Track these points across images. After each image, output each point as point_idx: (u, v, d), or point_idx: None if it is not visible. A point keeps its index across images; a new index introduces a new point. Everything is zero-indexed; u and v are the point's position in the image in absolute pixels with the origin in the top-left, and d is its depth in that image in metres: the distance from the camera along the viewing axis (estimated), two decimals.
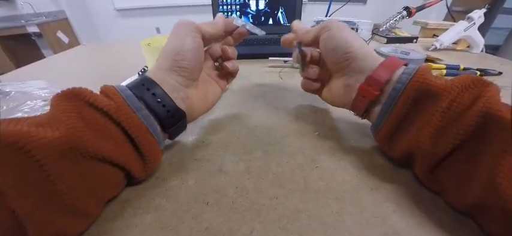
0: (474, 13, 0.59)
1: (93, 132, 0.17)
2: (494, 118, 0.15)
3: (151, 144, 0.20)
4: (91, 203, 0.17)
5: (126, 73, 0.45)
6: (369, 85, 0.22)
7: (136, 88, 0.20)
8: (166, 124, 0.21)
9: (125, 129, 0.18)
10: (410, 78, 0.20)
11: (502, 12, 0.75)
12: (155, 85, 0.21)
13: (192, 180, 0.21)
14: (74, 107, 0.17)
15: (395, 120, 0.21)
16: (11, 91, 0.39)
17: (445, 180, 0.18)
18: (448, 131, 0.17)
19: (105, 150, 0.17)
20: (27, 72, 0.54)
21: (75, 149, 0.15)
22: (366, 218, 0.18)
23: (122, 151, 0.19)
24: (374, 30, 0.78)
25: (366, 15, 1.36)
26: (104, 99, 0.18)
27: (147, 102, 0.20)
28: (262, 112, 0.33)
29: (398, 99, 0.20)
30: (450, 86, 0.18)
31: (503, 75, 0.46)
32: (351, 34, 0.25)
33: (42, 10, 2.50)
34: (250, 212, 0.18)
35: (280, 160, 0.24)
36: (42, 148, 0.13)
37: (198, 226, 0.17)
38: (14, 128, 0.13)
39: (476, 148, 0.16)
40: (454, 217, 0.18)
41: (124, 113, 0.18)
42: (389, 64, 0.21)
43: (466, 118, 0.16)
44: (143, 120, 0.19)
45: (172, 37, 0.24)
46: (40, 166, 0.13)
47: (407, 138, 0.20)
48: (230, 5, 0.68)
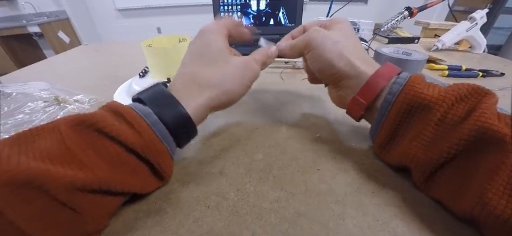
0: (476, 13, 0.59)
1: (116, 169, 0.16)
2: (489, 133, 0.15)
3: (171, 165, 0.20)
4: (106, 221, 0.18)
5: (127, 74, 0.45)
6: (355, 104, 0.23)
7: (158, 105, 0.19)
8: (180, 139, 0.21)
9: (149, 161, 0.18)
10: (400, 89, 0.19)
11: (504, 12, 0.74)
12: (183, 111, 0.19)
13: (193, 183, 0.21)
14: (90, 141, 0.16)
15: (388, 130, 0.21)
16: (12, 92, 0.39)
17: (439, 190, 0.18)
18: (441, 143, 0.17)
19: (126, 185, 0.17)
20: (28, 73, 0.54)
21: (101, 189, 0.16)
22: (367, 222, 0.18)
23: (144, 182, 0.19)
24: (375, 30, 0.78)
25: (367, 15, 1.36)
26: (125, 129, 0.17)
27: (167, 123, 0.19)
28: (263, 114, 0.33)
29: (390, 111, 0.20)
30: (443, 98, 0.18)
31: (505, 76, 0.45)
32: (334, 52, 0.23)
33: (44, 10, 2.51)
34: (251, 216, 0.18)
35: (281, 163, 0.24)
36: (65, 188, 0.14)
37: (199, 229, 0.17)
38: (32, 165, 0.13)
39: (469, 162, 0.16)
40: (455, 221, 0.18)
41: (153, 148, 0.18)
42: (374, 83, 0.21)
43: (459, 132, 0.16)
44: (168, 147, 0.19)
45: (231, 77, 0.22)
46: (62, 204, 0.14)
47: (400, 149, 0.20)
48: (231, 5, 0.68)
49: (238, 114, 0.33)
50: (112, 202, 0.17)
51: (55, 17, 2.44)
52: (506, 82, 0.43)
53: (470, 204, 0.15)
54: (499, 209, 0.13)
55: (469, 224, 0.17)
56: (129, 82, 0.40)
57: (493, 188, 0.14)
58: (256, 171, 0.23)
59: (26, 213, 0.12)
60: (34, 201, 0.13)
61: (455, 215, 0.18)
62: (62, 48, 2.22)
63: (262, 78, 0.42)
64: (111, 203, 0.17)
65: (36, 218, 0.13)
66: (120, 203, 0.19)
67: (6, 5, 2.48)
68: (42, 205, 0.13)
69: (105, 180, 0.16)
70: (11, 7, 2.51)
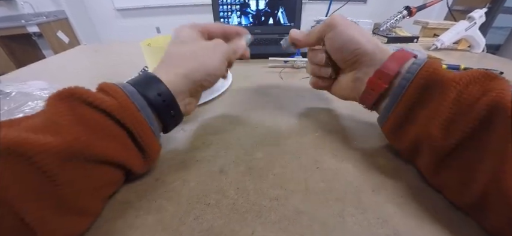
0: (475, 12, 0.59)
1: (94, 134, 0.17)
2: (504, 109, 0.15)
3: (153, 141, 0.20)
4: (94, 202, 0.18)
5: (126, 74, 0.45)
6: (379, 78, 0.22)
7: (140, 85, 0.20)
8: (164, 119, 0.22)
9: (126, 127, 0.18)
10: (420, 68, 0.20)
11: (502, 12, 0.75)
12: (162, 85, 0.21)
13: (193, 181, 0.21)
14: (71, 108, 0.16)
15: (403, 108, 0.21)
16: (12, 92, 0.39)
17: (449, 174, 0.18)
18: (458, 122, 0.17)
19: (107, 151, 0.17)
20: (27, 73, 0.54)
21: (79, 154, 0.15)
22: (367, 220, 0.18)
23: (124, 150, 0.19)
24: (374, 29, 0.78)
25: (366, 14, 1.36)
26: (104, 97, 0.18)
27: (148, 98, 0.20)
28: (262, 112, 0.33)
29: (408, 88, 0.20)
30: (459, 78, 0.18)
31: (504, 75, 0.45)
32: (356, 30, 0.24)
33: (42, 10, 2.50)
34: (251, 213, 0.18)
35: (281, 161, 0.24)
36: (45, 154, 0.13)
37: (200, 227, 0.18)
38: (13, 134, 0.13)
39: (484, 141, 0.16)
40: (455, 219, 0.18)
41: (128, 112, 0.18)
42: (399, 57, 0.22)
43: (475, 111, 0.16)
44: (147, 119, 0.19)
45: (203, 51, 0.24)
46: (43, 172, 0.13)
47: (415, 129, 0.20)
48: (230, 5, 0.68)
49: (238, 112, 0.33)
50: (97, 176, 0.17)
51: (54, 17, 2.43)
52: None
53: (482, 183, 0.16)
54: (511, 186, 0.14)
55: (469, 222, 0.17)
56: None
57: (507, 163, 0.14)
58: (256, 169, 0.23)
59: (7, 181, 0.12)
60: (16, 170, 0.13)
61: (458, 205, 0.18)
62: (61, 48, 2.21)
63: (261, 77, 0.43)
64: (96, 177, 0.17)
65: (19, 187, 0.13)
66: (109, 182, 0.19)
67: (4, 5, 2.47)
68: (24, 175, 0.13)
69: (82, 143, 0.16)
70: (10, 7, 2.50)
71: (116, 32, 2.73)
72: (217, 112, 0.33)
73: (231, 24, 0.71)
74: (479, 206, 0.16)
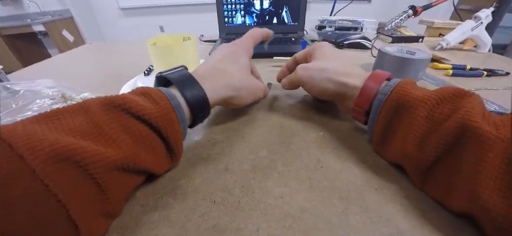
0: (481, 12, 0.58)
1: (139, 147, 0.18)
2: (471, 129, 0.16)
3: (181, 146, 0.22)
4: (122, 206, 0.19)
5: (131, 72, 0.45)
6: (356, 112, 0.25)
7: (182, 84, 0.22)
8: (194, 122, 0.24)
9: (165, 137, 0.19)
10: (391, 90, 0.21)
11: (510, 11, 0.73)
12: (203, 91, 0.22)
13: (199, 179, 0.22)
14: (117, 118, 0.17)
15: (381, 127, 0.22)
16: (20, 90, 0.39)
17: (435, 188, 0.19)
18: (431, 138, 0.18)
19: (148, 163, 0.18)
20: (34, 71, 0.55)
21: (126, 166, 0.17)
22: (370, 218, 0.18)
23: (160, 159, 0.20)
24: (379, 29, 0.78)
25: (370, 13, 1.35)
26: (150, 107, 0.18)
27: (187, 99, 0.21)
28: (267, 111, 0.33)
29: (381, 109, 0.22)
30: (427, 97, 0.19)
31: (511, 76, 0.45)
32: (323, 80, 0.27)
33: (48, 9, 2.53)
34: (256, 211, 0.19)
35: (286, 159, 0.24)
36: (98, 164, 0.15)
37: (205, 223, 0.18)
38: (67, 141, 0.14)
39: (459, 158, 0.17)
40: (457, 218, 0.18)
41: (170, 125, 0.19)
42: (367, 91, 0.23)
43: (445, 129, 0.17)
44: (183, 130, 0.21)
45: (246, 90, 0.27)
46: (93, 179, 0.15)
47: (394, 147, 0.21)
48: (234, 4, 0.69)
49: (242, 111, 0.33)
50: (130, 183, 0.18)
51: (59, 16, 2.46)
52: (511, 82, 0.42)
53: (464, 199, 0.16)
54: (490, 202, 0.14)
55: (470, 221, 0.17)
56: (134, 80, 0.41)
57: (483, 182, 0.14)
58: (260, 167, 0.23)
59: (64, 187, 0.13)
60: (71, 175, 0.13)
61: (454, 213, 0.18)
62: (66, 47, 2.24)
63: (266, 76, 0.43)
64: (129, 184, 0.18)
65: (71, 191, 0.13)
66: (135, 186, 0.20)
67: (10, 4, 2.50)
68: (76, 180, 0.14)
69: (131, 156, 0.17)
70: (16, 6, 2.53)
71: (120, 31, 2.75)
72: (222, 111, 0.34)
73: (235, 23, 0.71)
74: (469, 217, 0.17)
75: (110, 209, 0.17)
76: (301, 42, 0.64)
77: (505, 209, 0.13)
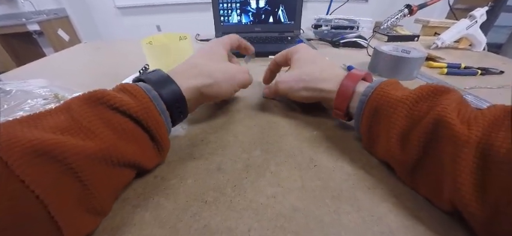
0: (476, 11, 0.59)
1: (121, 138, 0.17)
2: (445, 125, 0.16)
3: (167, 138, 0.22)
4: (110, 202, 0.18)
5: (127, 72, 0.45)
6: (336, 114, 0.26)
7: (157, 85, 0.22)
8: (174, 120, 0.23)
9: (148, 129, 0.19)
10: (372, 91, 0.22)
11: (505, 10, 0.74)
12: (177, 88, 0.22)
13: (191, 179, 0.22)
14: (98, 112, 0.17)
15: (365, 127, 0.23)
16: (12, 89, 0.39)
17: (423, 186, 0.19)
18: (410, 135, 0.18)
19: (132, 154, 0.18)
20: (28, 71, 0.55)
21: (108, 158, 0.16)
22: (362, 217, 0.18)
23: (145, 151, 0.20)
24: (375, 28, 0.78)
25: (367, 12, 1.35)
26: (129, 100, 0.18)
27: (164, 98, 0.21)
28: (260, 111, 0.33)
29: (364, 110, 0.22)
30: (406, 97, 0.19)
31: (504, 74, 0.45)
32: (300, 89, 0.28)
33: (43, 8, 2.50)
34: (248, 211, 0.19)
35: (278, 159, 0.24)
36: (77, 157, 0.14)
37: (197, 224, 0.18)
38: (46, 136, 0.14)
39: (439, 154, 0.17)
40: (450, 217, 0.18)
41: (151, 115, 0.19)
42: (343, 92, 0.24)
43: (423, 126, 0.17)
44: (165, 121, 0.21)
45: (224, 75, 0.27)
46: (75, 173, 0.14)
47: (381, 148, 0.22)
48: (230, 3, 0.68)
49: (236, 110, 0.33)
50: (117, 177, 0.18)
51: (54, 15, 2.43)
52: (505, 80, 0.43)
53: (448, 196, 0.16)
54: (469, 193, 0.14)
55: (462, 221, 0.17)
56: (129, 79, 0.41)
57: (460, 178, 0.15)
58: (253, 167, 0.23)
59: (43, 183, 0.13)
60: (49, 171, 0.13)
61: (445, 211, 0.18)
62: (62, 46, 2.20)
63: (260, 75, 0.42)
64: (116, 179, 0.18)
65: (51, 187, 0.13)
66: (124, 181, 0.19)
67: (5, 3, 2.47)
68: (56, 175, 0.14)
69: (113, 147, 0.17)
70: (10, 5, 2.49)
71: (117, 30, 2.72)
72: (215, 110, 0.33)
73: (230, 22, 0.71)
74: (457, 213, 0.17)
75: (97, 205, 0.16)
76: (297, 41, 0.64)
77: (480, 203, 0.14)
